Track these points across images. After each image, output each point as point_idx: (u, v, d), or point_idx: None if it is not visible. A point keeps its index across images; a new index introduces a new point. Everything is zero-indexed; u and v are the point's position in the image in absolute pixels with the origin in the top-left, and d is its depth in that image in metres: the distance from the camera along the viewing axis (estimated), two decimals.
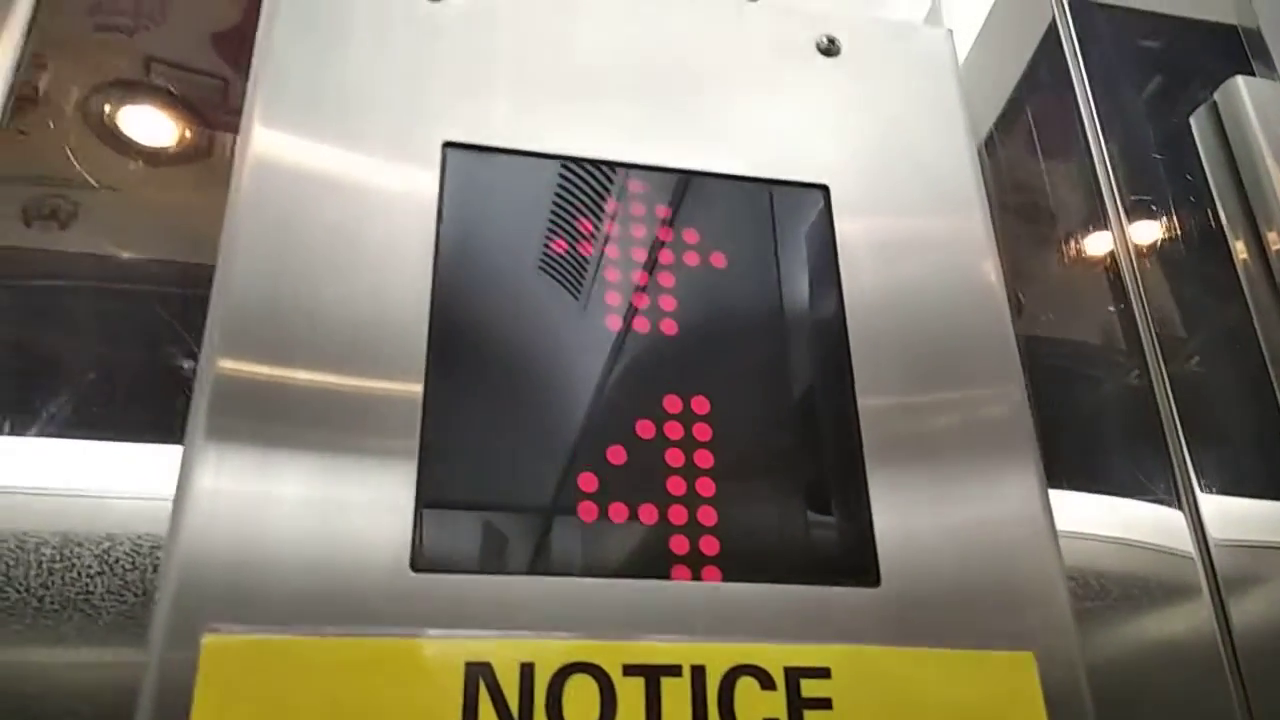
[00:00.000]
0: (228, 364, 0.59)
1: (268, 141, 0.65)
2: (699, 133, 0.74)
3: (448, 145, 0.68)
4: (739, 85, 0.77)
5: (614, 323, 0.66)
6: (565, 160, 0.71)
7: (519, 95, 0.72)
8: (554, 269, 0.68)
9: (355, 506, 0.57)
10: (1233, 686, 0.68)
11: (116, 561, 0.56)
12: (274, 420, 0.58)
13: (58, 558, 0.56)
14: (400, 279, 0.63)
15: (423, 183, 0.67)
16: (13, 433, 0.59)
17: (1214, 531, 0.74)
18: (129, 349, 0.64)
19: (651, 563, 0.59)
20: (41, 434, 0.59)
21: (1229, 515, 0.74)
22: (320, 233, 0.63)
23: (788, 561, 0.62)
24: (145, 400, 0.62)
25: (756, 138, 0.75)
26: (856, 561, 0.62)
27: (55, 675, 0.54)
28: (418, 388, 0.60)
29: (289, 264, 0.62)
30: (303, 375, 0.59)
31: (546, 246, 0.68)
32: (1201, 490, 0.75)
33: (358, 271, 0.63)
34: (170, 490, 0.57)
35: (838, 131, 0.76)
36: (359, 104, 0.68)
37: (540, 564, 0.59)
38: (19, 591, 0.54)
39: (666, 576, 0.59)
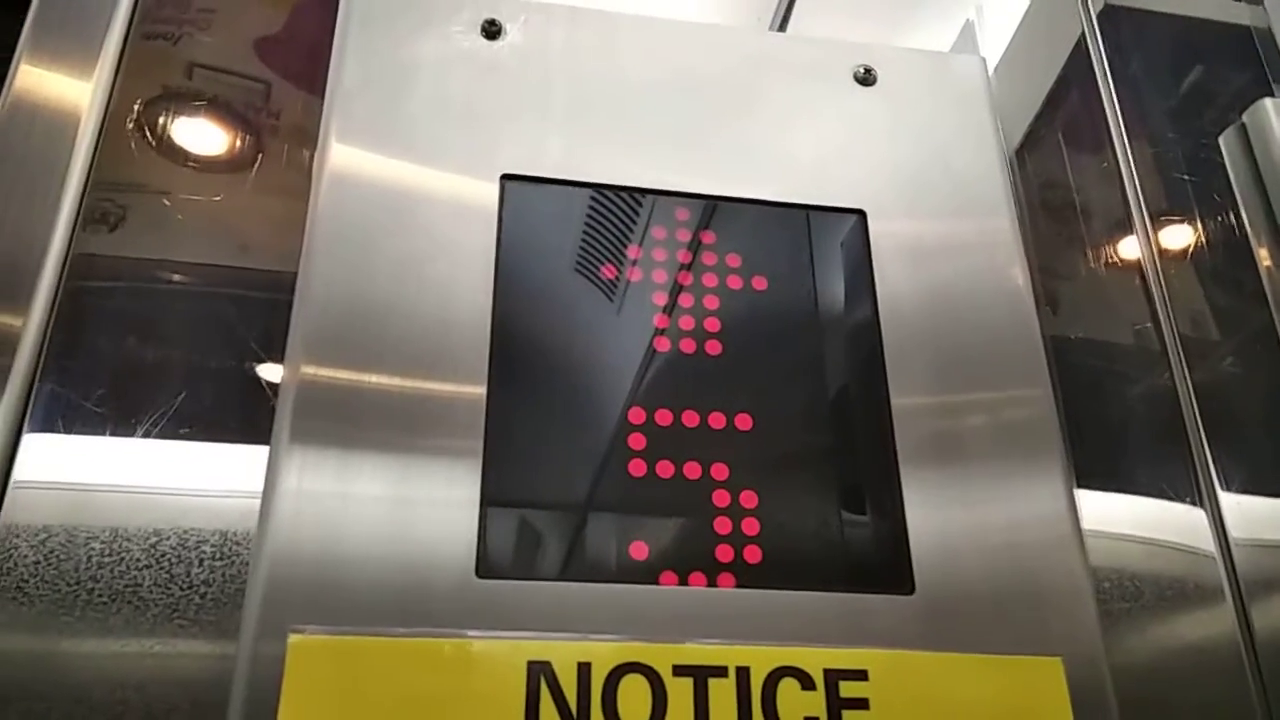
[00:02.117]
0: (310, 369, 0.64)
1: (343, 159, 0.71)
2: (741, 161, 0.78)
3: (506, 178, 0.73)
4: (780, 115, 0.81)
5: (662, 344, 0.70)
6: (615, 189, 0.75)
7: (570, 128, 0.76)
8: (604, 291, 0.72)
9: (425, 503, 0.61)
10: (1253, 686, 0.70)
11: (164, 555, 0.59)
12: (351, 422, 0.63)
13: (107, 551, 0.59)
14: (464, 294, 0.68)
15: (483, 210, 0.72)
16: (57, 430, 0.62)
17: (1235, 531, 0.76)
18: (174, 348, 0.66)
19: (699, 571, 0.63)
20: (89, 431, 0.62)
21: (1250, 515, 0.76)
22: (392, 249, 0.69)
23: (828, 570, 0.66)
24: (197, 399, 0.64)
25: (796, 165, 0.79)
26: (892, 570, 0.65)
27: (104, 664, 0.56)
28: (481, 390, 0.65)
29: (364, 275, 0.67)
30: (377, 379, 0.64)
31: (597, 271, 0.73)
32: (1223, 490, 0.77)
33: (426, 285, 0.68)
34: (212, 486, 0.61)
35: (874, 158, 0.80)
36: (425, 133, 0.73)
37: (594, 571, 0.63)
38: (70, 584, 0.58)
39: (714, 584, 0.63)
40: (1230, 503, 0.76)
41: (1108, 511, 0.74)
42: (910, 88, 0.84)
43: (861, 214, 0.77)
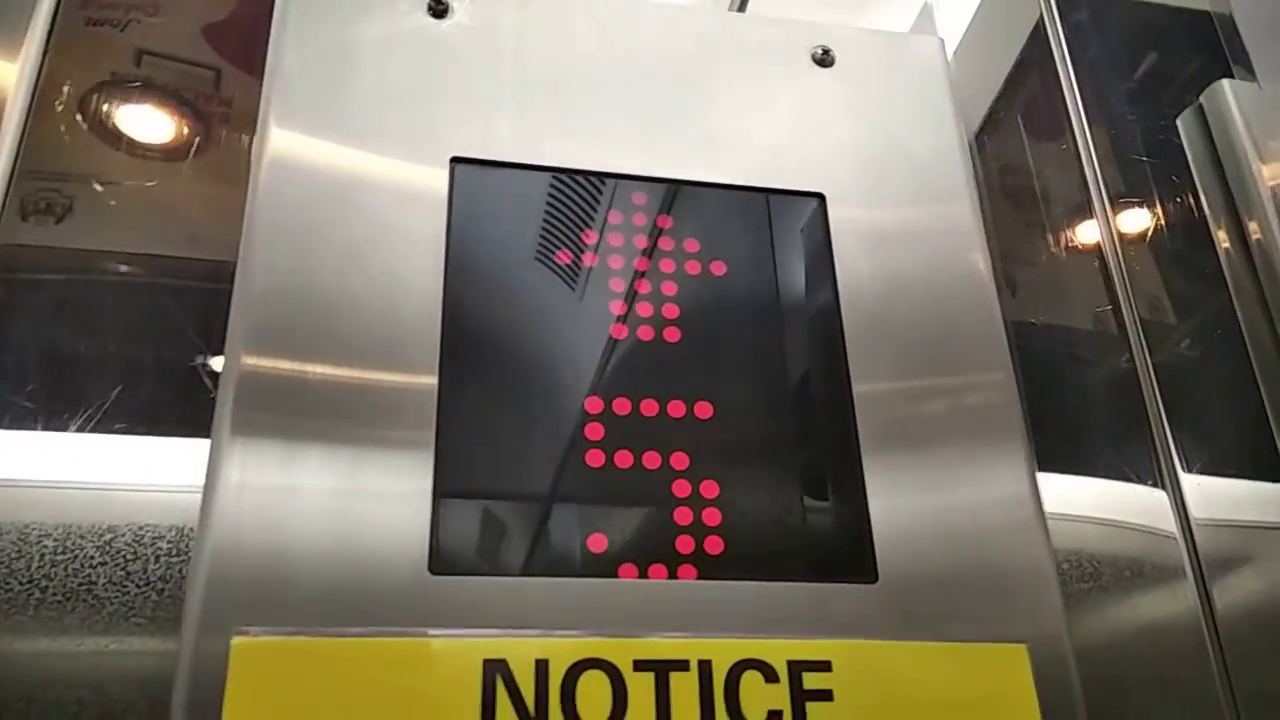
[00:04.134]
0: (251, 360, 0.61)
1: (283, 145, 0.68)
2: (698, 144, 0.76)
3: (455, 160, 0.71)
4: (736, 96, 0.79)
5: (619, 331, 0.69)
6: (568, 173, 0.73)
7: (522, 110, 0.74)
8: (560, 278, 0.70)
9: (376, 496, 0.59)
10: (1215, 664, 0.70)
11: (118, 552, 0.58)
12: (296, 414, 0.60)
13: (60, 549, 0.57)
14: (413, 281, 0.66)
15: (433, 193, 0.69)
16: (10, 427, 0.60)
17: (1196, 511, 0.76)
18: (121, 341, 0.65)
19: (658, 562, 0.62)
20: (43, 428, 0.61)
21: (1210, 495, 0.76)
22: (336, 233, 0.66)
23: (790, 560, 0.65)
24: (137, 392, 0.63)
25: (754, 148, 0.77)
26: (856, 559, 0.64)
27: (58, 664, 0.55)
28: (432, 380, 0.63)
29: (308, 264, 0.65)
30: (323, 370, 0.62)
31: (552, 256, 0.71)
32: (1184, 470, 0.77)
33: (373, 273, 0.65)
34: (167, 481, 0.60)
35: (832, 140, 0.79)
36: (370, 116, 0.71)
37: (551, 565, 0.62)
38: (22, 583, 0.56)
39: (674, 575, 0.62)
40: (1191, 484, 0.77)
41: (1069, 494, 0.74)
42: (869, 69, 0.83)
43: (821, 197, 0.76)
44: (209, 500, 0.57)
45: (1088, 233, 0.89)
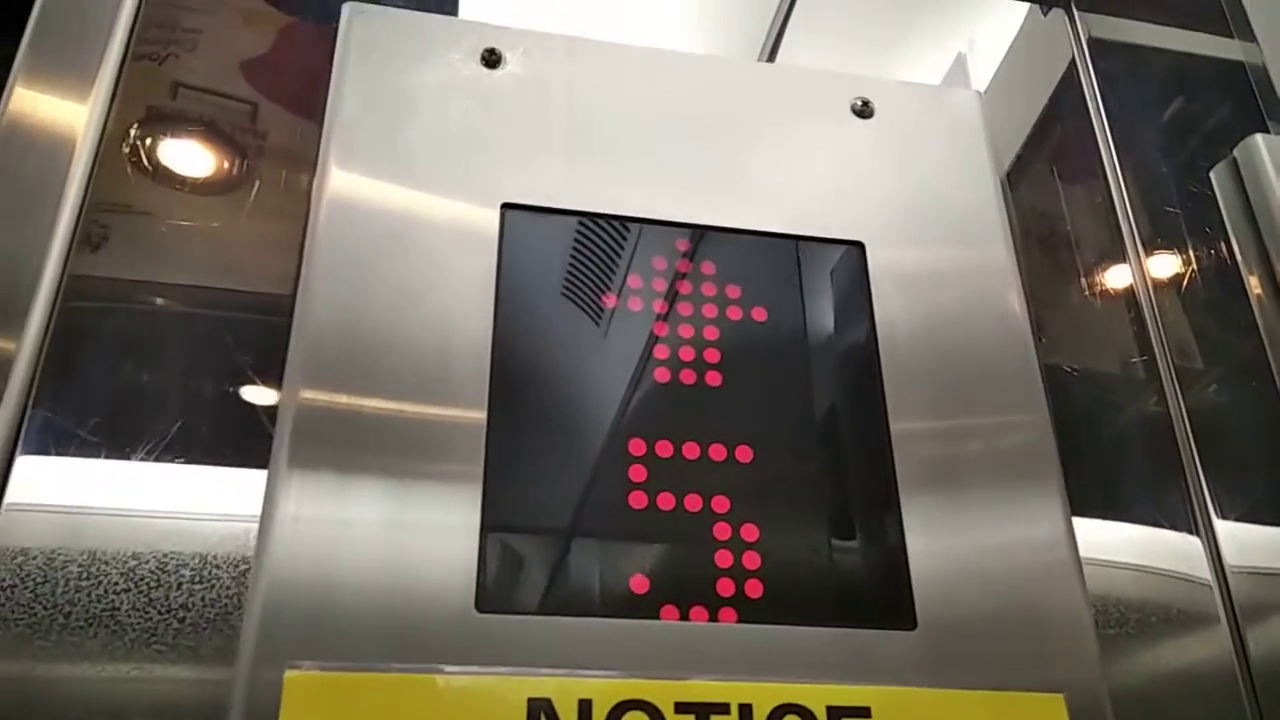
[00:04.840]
0: (309, 394, 0.63)
1: (342, 185, 0.70)
2: (741, 192, 0.78)
3: (506, 207, 0.73)
4: (779, 146, 0.81)
5: (662, 374, 0.70)
6: (614, 219, 0.75)
7: (571, 158, 0.76)
8: (605, 321, 0.72)
9: (424, 532, 0.61)
10: (1250, 714, 0.70)
11: (141, 579, 0.59)
12: (350, 448, 0.62)
13: (85, 575, 0.58)
14: (464, 321, 0.68)
15: (484, 237, 0.71)
16: (49, 453, 0.61)
17: (1231, 559, 0.76)
18: (166, 371, 0.66)
19: (699, 604, 0.63)
20: (82, 455, 0.61)
21: (1246, 542, 0.76)
22: (392, 273, 0.68)
23: (829, 605, 0.65)
24: (164, 420, 0.64)
25: (795, 197, 0.79)
26: (894, 605, 0.65)
27: (79, 690, 0.56)
28: (481, 417, 0.64)
29: (364, 302, 0.67)
30: (377, 404, 0.64)
31: (597, 300, 0.72)
32: (1218, 517, 0.78)
33: (426, 312, 0.67)
34: (190, 509, 0.61)
35: (872, 190, 0.80)
36: (425, 162, 0.73)
37: (595, 605, 0.63)
38: (46, 608, 0.57)
39: (714, 618, 0.62)
40: (1226, 531, 0.77)
41: (1102, 539, 0.75)
42: (907, 121, 0.85)
43: (860, 246, 0.77)
44: (265, 531, 0.59)
45: (1120, 278, 0.90)
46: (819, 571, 0.67)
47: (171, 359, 0.66)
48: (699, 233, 0.76)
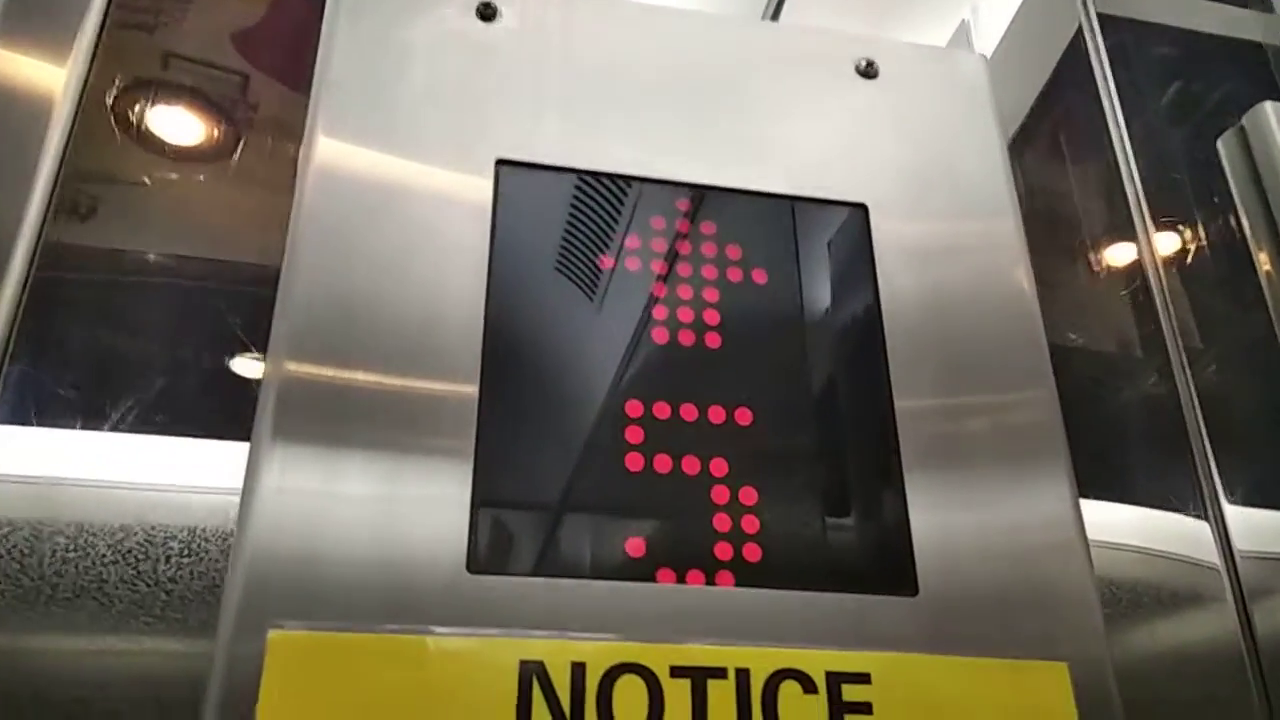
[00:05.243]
0: (293, 366, 0.61)
1: (330, 151, 0.68)
2: (742, 151, 0.76)
3: (501, 163, 0.71)
4: (781, 106, 0.79)
5: (660, 335, 0.68)
6: (612, 177, 0.73)
7: (568, 114, 0.74)
8: (602, 282, 0.70)
9: (414, 502, 0.59)
10: (1256, 698, 0.69)
11: (129, 551, 0.58)
12: (337, 420, 0.60)
13: (72, 547, 0.57)
14: (456, 285, 0.66)
15: (477, 197, 0.69)
16: (20, 422, 0.60)
17: (1236, 534, 0.75)
18: (146, 340, 0.65)
19: (696, 568, 0.61)
20: (58, 423, 0.61)
21: (1255, 526, 0.75)
22: (380, 240, 0.66)
23: (828, 570, 0.64)
24: (154, 393, 0.63)
25: (798, 157, 0.77)
26: (896, 571, 0.64)
27: (65, 662, 0.55)
28: (473, 389, 0.62)
29: (352, 269, 0.65)
30: (364, 377, 0.62)
31: (595, 260, 0.71)
32: (1227, 499, 0.76)
33: (416, 277, 0.65)
34: (179, 481, 0.60)
35: (876, 152, 0.79)
36: (416, 119, 0.71)
37: (589, 568, 0.61)
38: (33, 579, 0.56)
39: (712, 582, 0.61)
40: (1233, 511, 0.76)
41: (1107, 521, 0.73)
42: (913, 83, 0.83)
43: (863, 208, 0.76)
44: (248, 503, 0.57)
45: (1126, 252, 0.88)
46: (818, 536, 0.65)
47: (160, 331, 0.65)
48: (699, 192, 0.74)
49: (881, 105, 0.81)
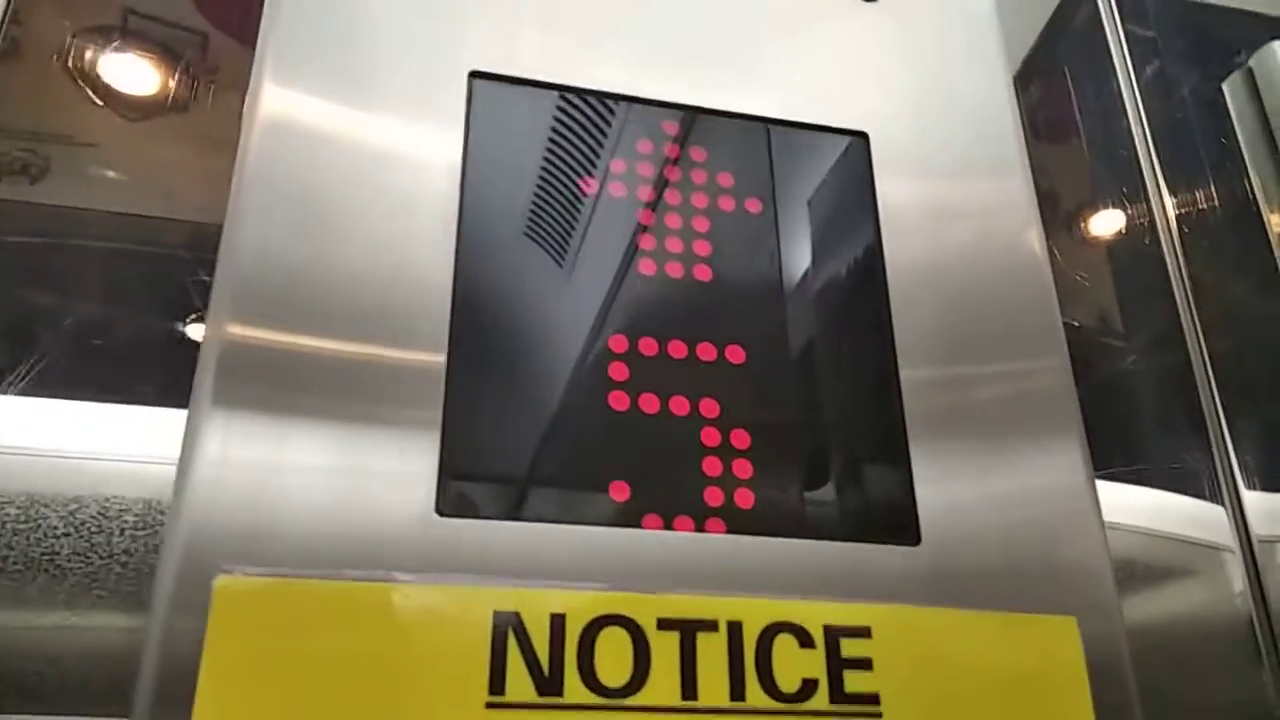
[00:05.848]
0: (237, 329, 0.54)
1: (279, 94, 0.61)
2: (737, 73, 0.71)
3: (475, 75, 0.65)
4: (778, 26, 0.74)
5: (647, 266, 0.63)
6: (597, 95, 0.67)
7: (549, 26, 0.68)
8: (584, 210, 0.65)
9: (376, 476, 0.53)
10: (1271, 681, 0.67)
11: (83, 524, 0.54)
12: (288, 389, 0.54)
13: (23, 518, 0.54)
14: (423, 231, 0.59)
15: (449, 117, 0.63)
16: None
17: (1248, 500, 0.73)
18: (96, 305, 0.61)
19: (685, 515, 0.57)
20: (8, 392, 0.57)
21: (1270, 508, 0.73)
22: (338, 187, 0.59)
23: (826, 518, 0.60)
24: (109, 359, 0.60)
25: (795, 81, 0.72)
26: (896, 518, 0.60)
27: (16, 637, 0.52)
28: (440, 358, 0.56)
29: (303, 223, 0.58)
30: (318, 343, 0.55)
31: (577, 185, 0.65)
32: (1239, 470, 0.74)
33: (378, 226, 0.59)
34: (136, 452, 0.56)
35: (877, 79, 0.74)
36: (379, 38, 0.64)
37: (570, 512, 0.56)
38: None
39: (702, 529, 0.56)
40: (1250, 497, 0.74)
41: (1121, 500, 0.71)
42: (916, 7, 0.78)
43: (864, 137, 0.71)
44: (184, 475, 0.51)
45: (1138, 214, 0.85)
46: (814, 482, 0.61)
47: (112, 295, 0.62)
48: (689, 115, 0.69)
49: (883, 30, 0.76)
